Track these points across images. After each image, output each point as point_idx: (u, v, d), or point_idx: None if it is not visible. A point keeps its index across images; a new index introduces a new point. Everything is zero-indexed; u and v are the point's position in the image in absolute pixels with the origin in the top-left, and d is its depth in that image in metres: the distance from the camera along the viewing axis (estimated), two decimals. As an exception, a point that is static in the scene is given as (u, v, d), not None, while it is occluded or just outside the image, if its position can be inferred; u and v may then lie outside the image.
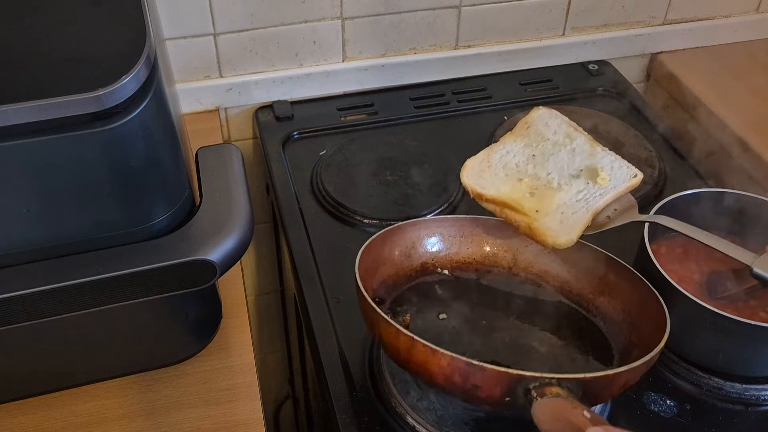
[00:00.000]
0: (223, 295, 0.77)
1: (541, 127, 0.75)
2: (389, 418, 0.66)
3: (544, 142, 0.74)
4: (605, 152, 0.73)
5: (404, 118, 1.03)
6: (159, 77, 0.56)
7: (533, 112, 0.77)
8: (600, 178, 0.71)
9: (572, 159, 0.73)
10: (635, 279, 0.70)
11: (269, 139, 0.99)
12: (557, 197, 0.71)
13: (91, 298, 0.58)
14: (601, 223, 0.71)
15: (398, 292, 0.74)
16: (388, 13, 1.01)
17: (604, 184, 0.71)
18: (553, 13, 1.07)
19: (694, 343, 0.70)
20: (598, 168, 0.72)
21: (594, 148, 0.73)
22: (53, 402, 0.69)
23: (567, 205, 0.70)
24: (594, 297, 0.74)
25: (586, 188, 0.71)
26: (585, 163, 0.72)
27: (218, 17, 0.95)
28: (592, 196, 0.70)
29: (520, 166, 0.73)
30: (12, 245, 0.57)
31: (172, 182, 0.62)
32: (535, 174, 0.72)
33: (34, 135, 0.51)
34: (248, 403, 0.69)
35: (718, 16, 1.14)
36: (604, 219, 0.71)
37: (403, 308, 0.72)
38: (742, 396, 0.69)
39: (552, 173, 0.72)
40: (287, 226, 0.86)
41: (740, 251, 0.65)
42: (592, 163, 0.72)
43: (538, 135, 0.75)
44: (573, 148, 0.73)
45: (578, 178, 0.71)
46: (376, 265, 0.72)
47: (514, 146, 0.75)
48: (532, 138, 0.75)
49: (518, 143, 0.75)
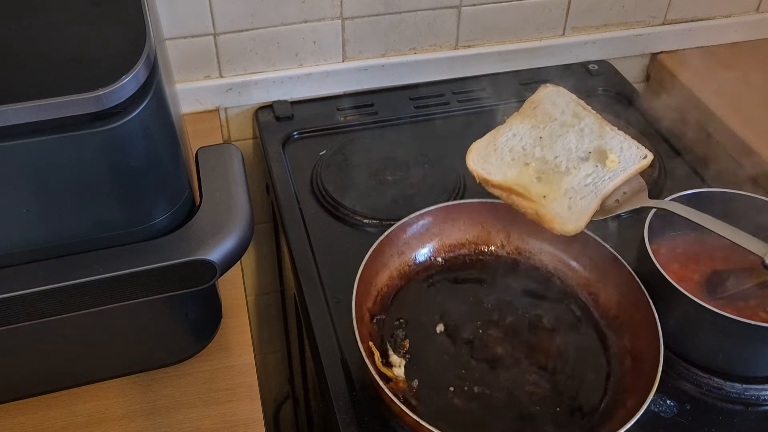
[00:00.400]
0: (223, 295, 0.77)
1: (548, 106, 0.74)
2: (389, 418, 0.66)
3: (552, 122, 0.73)
4: (614, 132, 0.72)
5: (404, 118, 1.03)
6: (159, 77, 0.56)
7: (540, 91, 0.76)
8: (609, 161, 0.69)
9: (581, 140, 0.72)
10: (630, 278, 0.70)
11: (269, 139, 0.99)
12: (565, 181, 0.70)
13: (91, 298, 0.58)
14: (610, 208, 0.70)
15: (392, 299, 0.75)
16: (388, 13, 1.01)
17: (614, 167, 0.70)
18: (553, 13, 1.07)
19: (694, 343, 0.70)
20: (607, 150, 0.70)
21: (603, 128, 0.72)
22: (53, 402, 0.69)
23: (575, 189, 0.69)
24: (589, 284, 0.74)
25: (595, 171, 0.69)
26: (594, 144, 0.71)
27: (218, 17, 0.95)
28: (601, 180, 0.69)
29: (527, 150, 0.72)
30: (12, 245, 0.57)
31: (172, 182, 0.62)
32: (543, 157, 0.71)
33: (34, 135, 0.51)
34: (248, 403, 0.69)
35: (718, 16, 1.14)
36: (613, 203, 0.70)
37: (400, 322, 0.73)
38: (742, 396, 0.69)
39: (560, 156, 0.71)
40: (287, 226, 0.86)
41: (753, 241, 0.64)
42: (601, 145, 0.71)
43: (546, 115, 0.74)
44: (581, 128, 0.72)
45: (587, 160, 0.70)
46: (370, 282, 0.73)
47: (521, 128, 0.73)
48: (539, 119, 0.74)
49: (525, 125, 0.74)
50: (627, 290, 0.70)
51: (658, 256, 0.70)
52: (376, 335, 0.71)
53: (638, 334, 0.68)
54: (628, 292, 0.70)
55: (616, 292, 0.72)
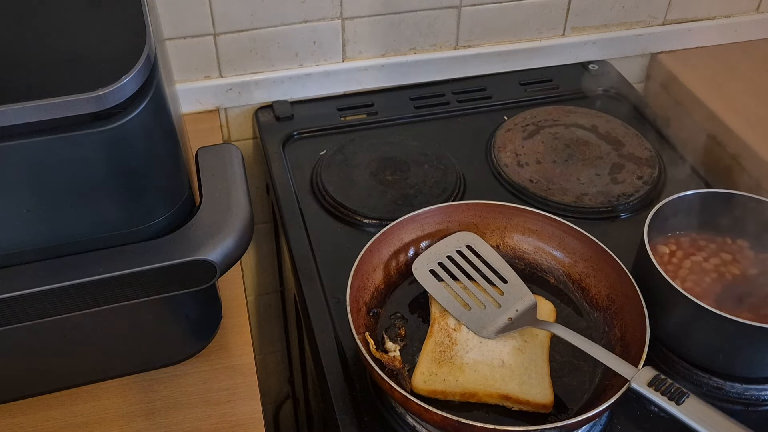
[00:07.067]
0: (223, 295, 0.77)
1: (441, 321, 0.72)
2: (389, 418, 0.66)
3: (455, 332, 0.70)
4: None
5: (404, 118, 1.03)
6: (159, 77, 0.56)
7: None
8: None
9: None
10: (621, 271, 0.71)
11: (269, 139, 0.99)
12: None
13: (91, 298, 0.58)
14: (504, 327, 0.70)
15: (389, 295, 0.75)
16: (388, 13, 1.01)
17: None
18: (553, 13, 1.07)
19: (694, 343, 0.70)
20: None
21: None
22: (53, 402, 0.69)
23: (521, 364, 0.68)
24: (581, 279, 0.75)
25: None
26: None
27: (218, 17, 0.95)
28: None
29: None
30: (12, 245, 0.57)
31: (172, 182, 0.62)
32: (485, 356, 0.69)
33: (34, 135, 0.51)
34: (248, 403, 0.69)
35: (718, 16, 1.14)
36: (506, 321, 0.71)
37: (397, 316, 0.73)
38: (742, 396, 0.69)
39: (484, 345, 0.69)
40: (287, 226, 0.86)
41: (621, 364, 0.62)
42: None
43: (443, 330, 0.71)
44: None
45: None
46: (366, 277, 0.73)
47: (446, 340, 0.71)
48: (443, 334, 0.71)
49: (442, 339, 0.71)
50: (618, 282, 0.71)
51: (657, 256, 0.70)
52: (373, 327, 0.72)
53: (627, 323, 0.69)
54: (620, 283, 0.71)
55: (606, 284, 0.73)
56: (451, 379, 0.66)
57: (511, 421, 0.65)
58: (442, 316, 0.71)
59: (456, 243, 0.77)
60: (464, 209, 0.79)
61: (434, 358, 0.67)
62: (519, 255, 0.79)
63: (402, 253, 0.77)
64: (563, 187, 0.89)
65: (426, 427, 0.65)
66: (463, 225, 0.79)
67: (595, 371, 0.68)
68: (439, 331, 0.70)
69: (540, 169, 0.92)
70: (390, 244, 0.76)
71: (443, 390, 0.65)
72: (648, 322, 0.65)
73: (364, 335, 0.68)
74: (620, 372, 0.62)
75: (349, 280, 0.69)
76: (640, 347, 0.64)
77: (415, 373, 0.66)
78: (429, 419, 0.61)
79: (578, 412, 0.64)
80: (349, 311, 0.66)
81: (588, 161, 0.94)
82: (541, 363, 0.67)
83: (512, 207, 0.78)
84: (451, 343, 0.69)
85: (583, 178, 0.91)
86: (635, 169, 0.92)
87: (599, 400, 0.64)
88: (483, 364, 0.67)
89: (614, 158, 0.94)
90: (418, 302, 0.75)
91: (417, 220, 0.77)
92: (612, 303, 0.71)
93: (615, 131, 0.98)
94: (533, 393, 0.65)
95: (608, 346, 0.69)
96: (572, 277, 0.76)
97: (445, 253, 0.76)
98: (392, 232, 0.75)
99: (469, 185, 0.91)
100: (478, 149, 0.97)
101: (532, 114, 1.02)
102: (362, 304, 0.71)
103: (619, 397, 0.60)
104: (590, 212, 0.87)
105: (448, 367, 0.67)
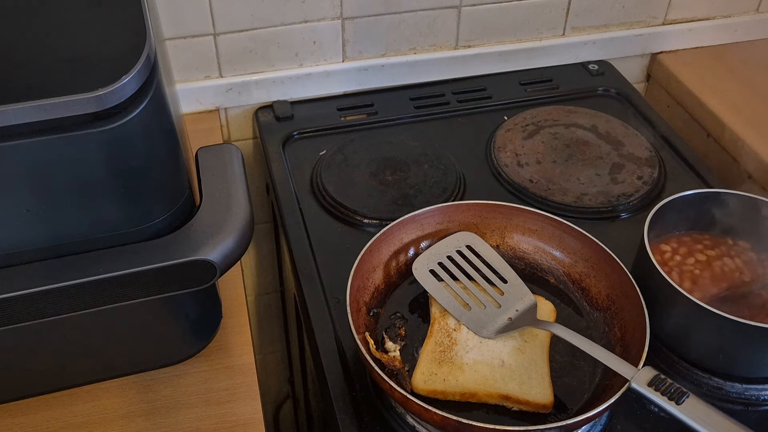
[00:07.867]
0: (223, 295, 0.77)
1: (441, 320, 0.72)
2: (389, 418, 0.66)
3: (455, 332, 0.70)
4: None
5: (404, 118, 1.03)
6: (159, 77, 0.56)
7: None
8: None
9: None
10: (621, 271, 0.71)
11: (269, 139, 0.99)
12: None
13: (91, 298, 0.58)
14: (503, 327, 0.70)
15: (389, 295, 0.75)
16: (388, 13, 1.01)
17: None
18: (553, 13, 1.07)
19: (694, 343, 0.70)
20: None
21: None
22: (53, 402, 0.69)
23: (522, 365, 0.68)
24: (581, 279, 0.75)
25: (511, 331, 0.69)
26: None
27: (218, 17, 0.95)
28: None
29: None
30: (12, 245, 0.57)
31: (172, 182, 0.62)
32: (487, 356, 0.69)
33: (34, 135, 0.51)
34: (248, 403, 0.69)
35: (718, 16, 1.14)
36: (506, 321, 0.70)
37: (397, 315, 0.74)
38: (742, 396, 0.69)
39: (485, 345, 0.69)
40: (287, 226, 0.86)
41: (621, 364, 0.62)
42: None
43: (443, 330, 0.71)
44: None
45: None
46: (366, 277, 0.73)
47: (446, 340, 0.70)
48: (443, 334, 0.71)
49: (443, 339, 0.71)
50: (618, 282, 0.71)
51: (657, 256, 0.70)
52: (373, 327, 0.72)
53: (627, 323, 0.69)
54: (620, 284, 0.71)
55: (606, 284, 0.73)
56: (451, 379, 0.66)
57: (511, 421, 0.65)
58: (442, 316, 0.71)
59: (456, 243, 0.77)
60: (464, 209, 0.79)
61: (434, 358, 0.67)
62: (519, 255, 0.79)
63: (402, 253, 0.77)
64: (563, 187, 0.89)
65: (426, 427, 0.65)
66: (463, 225, 0.79)
67: (595, 371, 0.68)
68: (439, 331, 0.70)
69: (540, 169, 0.92)
70: (390, 244, 0.76)
71: (443, 390, 0.65)
72: (648, 322, 0.65)
73: (364, 335, 0.68)
74: (620, 372, 0.62)
75: (349, 280, 0.69)
76: (640, 347, 0.64)
77: (415, 373, 0.66)
78: (429, 419, 0.61)
79: (578, 412, 0.64)
80: (349, 311, 0.66)
81: (588, 161, 0.94)
82: (541, 363, 0.67)
83: (512, 207, 0.78)
84: (451, 343, 0.69)
85: (583, 178, 0.91)
86: (635, 169, 0.92)
87: (599, 400, 0.64)
88: (483, 364, 0.67)
89: (614, 158, 0.94)
90: (418, 302, 0.75)
91: (417, 220, 0.77)
92: (612, 303, 0.71)
93: (615, 131, 0.98)
94: (533, 393, 0.65)
95: (608, 346, 0.69)
96: (572, 277, 0.76)
97: (445, 253, 0.76)
98: (392, 232, 0.75)
99: (469, 185, 0.91)
100: (478, 149, 0.97)
101: (532, 114, 1.02)
102: (362, 304, 0.72)
103: (619, 397, 0.60)
104: (590, 212, 0.87)
105: (448, 367, 0.67)
